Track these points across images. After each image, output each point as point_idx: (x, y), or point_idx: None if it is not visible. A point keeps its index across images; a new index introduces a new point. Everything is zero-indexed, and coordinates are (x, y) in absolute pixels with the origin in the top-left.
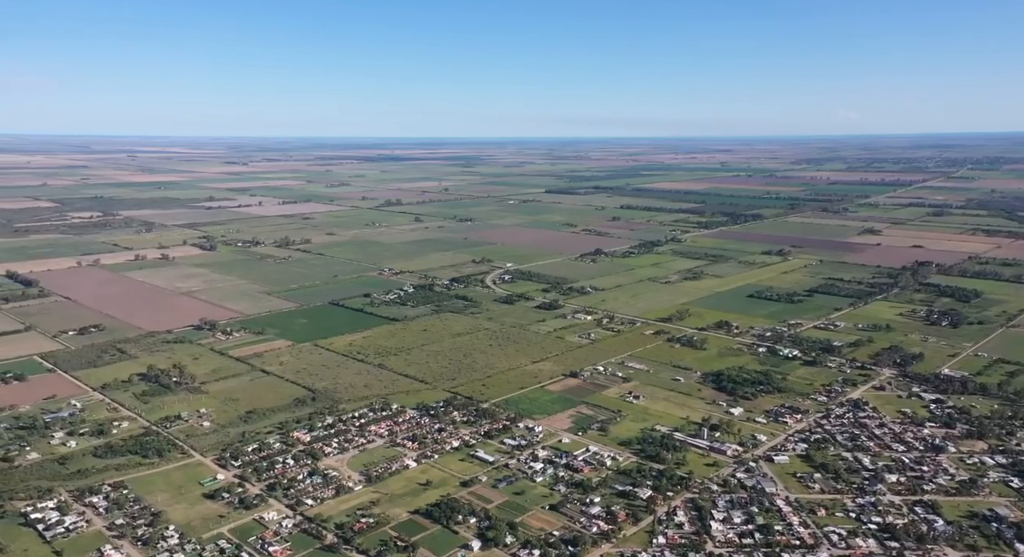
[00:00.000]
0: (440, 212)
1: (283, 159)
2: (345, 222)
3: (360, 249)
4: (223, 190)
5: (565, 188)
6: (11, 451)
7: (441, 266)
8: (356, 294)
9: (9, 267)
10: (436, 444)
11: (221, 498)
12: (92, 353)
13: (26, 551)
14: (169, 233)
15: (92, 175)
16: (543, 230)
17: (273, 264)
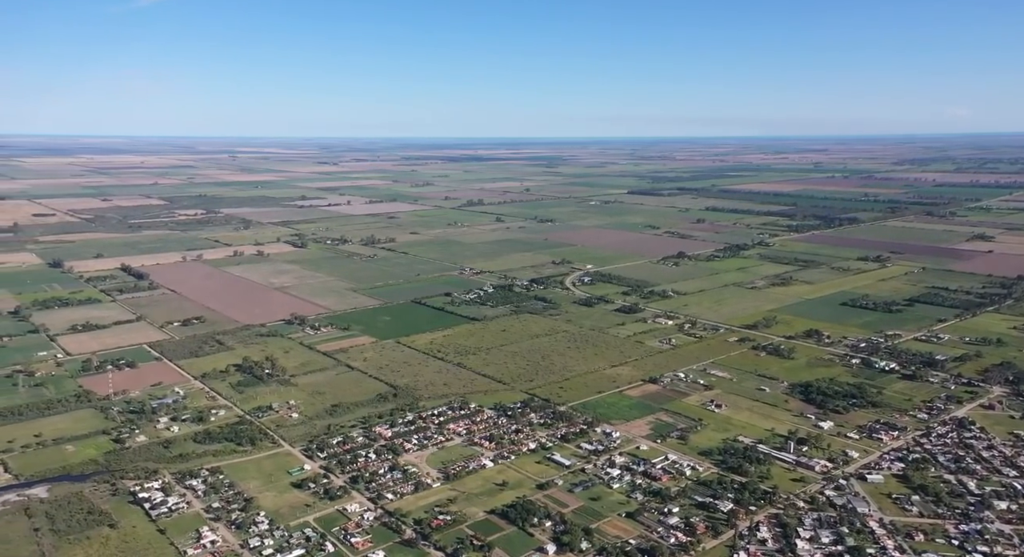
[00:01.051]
0: (521, 212)
1: (371, 159)
2: (428, 221)
3: (442, 248)
4: (314, 189)
5: (648, 189)
6: (123, 433)
7: (521, 267)
8: (437, 293)
9: (124, 261)
10: (513, 445)
11: (307, 488)
12: (194, 344)
13: (134, 527)
14: (264, 230)
15: (197, 174)
16: (624, 232)
17: (359, 262)
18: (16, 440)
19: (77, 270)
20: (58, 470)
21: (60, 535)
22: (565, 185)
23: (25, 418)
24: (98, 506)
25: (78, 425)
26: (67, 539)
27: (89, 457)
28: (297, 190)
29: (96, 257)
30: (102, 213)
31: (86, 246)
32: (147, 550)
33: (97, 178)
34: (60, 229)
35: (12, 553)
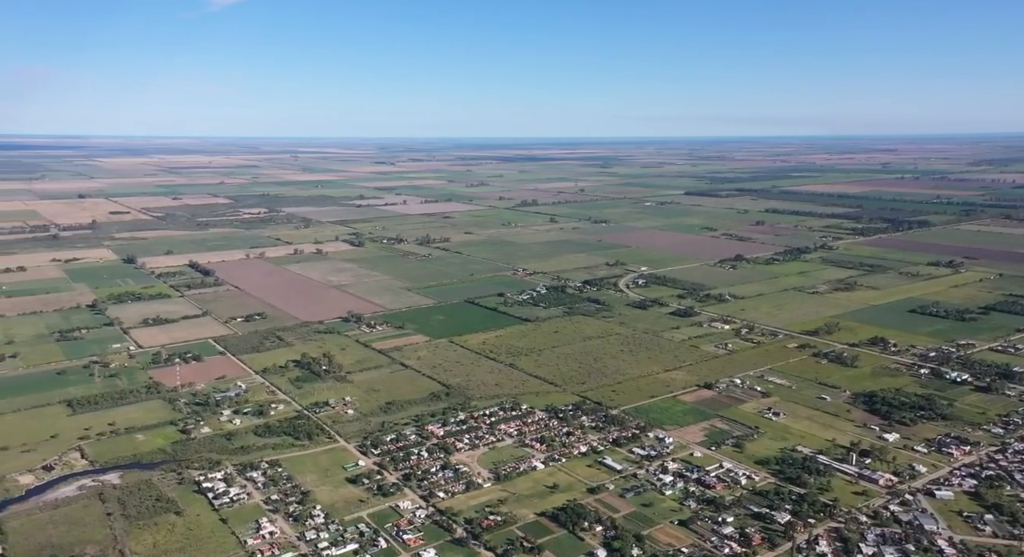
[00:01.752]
0: (575, 213)
1: (427, 159)
2: (482, 221)
3: (496, 248)
4: (372, 189)
5: (706, 190)
6: (189, 424)
7: (574, 268)
8: (491, 293)
9: (192, 258)
10: (564, 448)
11: (362, 483)
12: (255, 339)
13: (198, 515)
14: (323, 229)
15: (261, 174)
16: (680, 233)
17: (414, 261)
18: (92, 428)
19: (149, 266)
20: (129, 458)
21: (131, 520)
22: (620, 186)
23: (100, 407)
24: (165, 494)
25: (148, 415)
26: (137, 524)
27: (158, 446)
28: (355, 190)
29: (166, 254)
30: (172, 211)
31: (158, 243)
32: (210, 538)
33: (168, 177)
34: (134, 226)
35: (87, 536)
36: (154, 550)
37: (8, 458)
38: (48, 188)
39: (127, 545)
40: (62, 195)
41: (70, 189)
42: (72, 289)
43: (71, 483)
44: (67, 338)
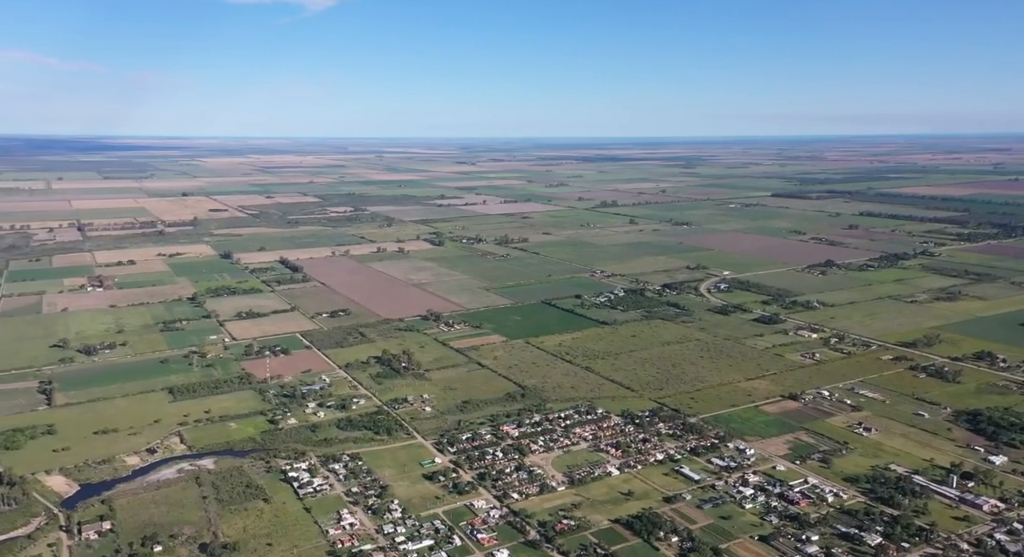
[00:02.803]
0: (656, 214)
1: (507, 159)
2: (561, 222)
3: (574, 249)
4: (453, 189)
5: (795, 191)
6: (277, 415)
7: (654, 271)
8: (568, 294)
9: (282, 254)
10: (640, 454)
11: (438, 480)
12: (339, 335)
13: (284, 503)
14: (405, 228)
15: (348, 173)
16: (766, 237)
17: (492, 261)
18: (190, 414)
19: (243, 262)
20: (223, 444)
21: (223, 504)
22: (703, 186)
23: (198, 395)
24: (255, 481)
25: (240, 405)
26: (229, 508)
27: (248, 435)
28: (437, 189)
29: (259, 250)
30: (266, 209)
31: (252, 239)
32: (295, 526)
33: (263, 176)
34: (231, 223)
35: (185, 516)
36: (244, 534)
37: (117, 440)
38: (155, 186)
39: (220, 528)
40: (168, 193)
41: (175, 187)
42: (175, 282)
43: (171, 466)
44: (170, 329)
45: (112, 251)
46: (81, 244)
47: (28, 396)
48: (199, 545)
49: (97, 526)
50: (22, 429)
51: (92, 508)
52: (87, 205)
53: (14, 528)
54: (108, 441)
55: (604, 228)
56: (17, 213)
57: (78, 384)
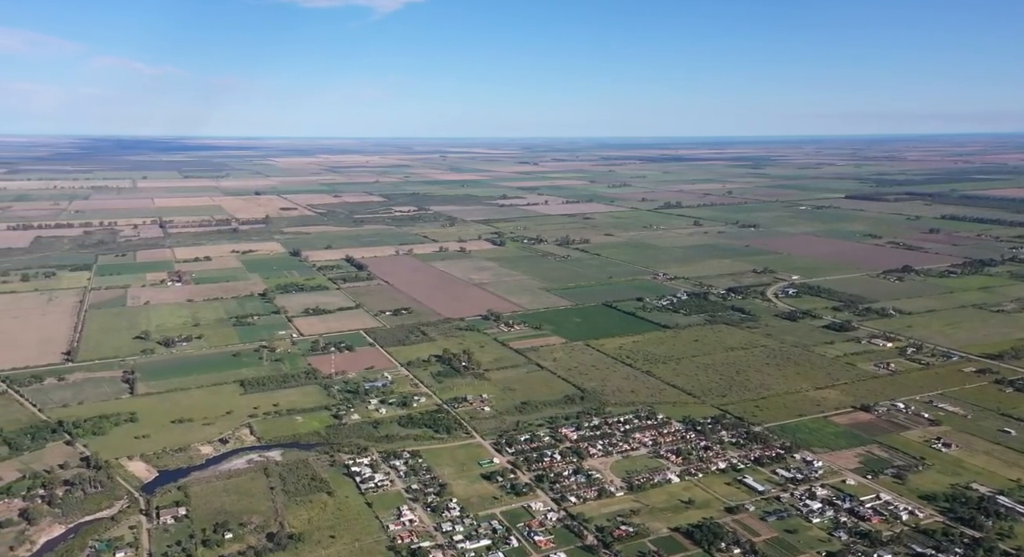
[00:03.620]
0: (721, 216)
1: (570, 159)
2: (623, 223)
3: (636, 251)
4: (514, 189)
5: (870, 193)
6: (340, 410)
7: (718, 274)
8: (629, 297)
9: (348, 252)
10: (701, 462)
11: (495, 481)
12: (401, 333)
13: (347, 497)
14: (467, 228)
15: (412, 173)
16: (839, 240)
17: (553, 262)
18: (260, 407)
19: (311, 259)
20: (289, 437)
21: (289, 496)
22: (772, 188)
23: (267, 389)
24: (319, 474)
25: (306, 399)
26: (295, 500)
27: (313, 429)
28: (499, 189)
29: (326, 248)
30: (333, 208)
31: (319, 238)
32: (356, 520)
33: (331, 176)
34: (300, 222)
35: (253, 506)
36: (308, 526)
37: (192, 429)
38: (231, 185)
39: (286, 518)
40: (242, 192)
41: (249, 186)
42: (247, 278)
43: (241, 456)
44: (242, 323)
45: (190, 247)
46: (162, 240)
47: (113, 385)
48: (266, 534)
49: (173, 511)
50: (108, 416)
51: (169, 494)
52: (168, 203)
53: (100, 509)
54: (184, 430)
55: (667, 230)
56: (106, 211)
57: (158, 374)
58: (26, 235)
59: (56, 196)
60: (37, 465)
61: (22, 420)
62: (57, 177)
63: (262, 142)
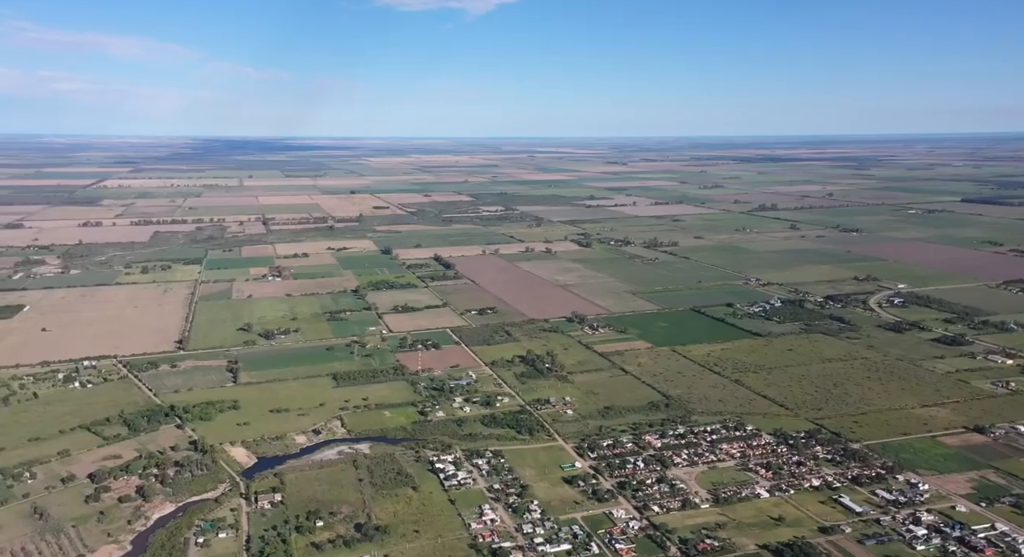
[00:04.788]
0: (820, 220)
1: (660, 159)
2: (714, 226)
3: (727, 255)
4: (602, 189)
5: (990, 196)
6: (426, 407)
7: (815, 281)
8: (719, 302)
9: (437, 251)
10: (793, 478)
11: (577, 485)
12: (486, 332)
13: (431, 493)
14: (553, 228)
15: (500, 173)
16: (952, 247)
17: (640, 264)
18: (350, 401)
19: (401, 257)
20: (377, 431)
21: (377, 488)
22: (878, 190)
23: (357, 383)
24: (405, 468)
25: (394, 394)
26: (382, 492)
27: (400, 424)
28: (586, 190)
29: (416, 247)
30: (423, 207)
31: (409, 236)
32: (439, 516)
33: (421, 175)
34: (391, 220)
35: (343, 496)
36: (394, 519)
37: (288, 419)
38: (328, 184)
39: (373, 510)
40: (338, 190)
41: (344, 185)
42: (341, 275)
43: (332, 448)
44: (335, 318)
45: (290, 244)
46: (265, 237)
47: (219, 373)
48: (355, 525)
49: (270, 497)
50: (213, 402)
51: (266, 480)
52: (271, 201)
53: (205, 490)
54: (281, 419)
55: (761, 233)
56: (216, 207)
57: (258, 365)
58: (146, 230)
59: (172, 194)
60: (152, 446)
61: (139, 403)
62: (174, 176)
63: (358, 142)
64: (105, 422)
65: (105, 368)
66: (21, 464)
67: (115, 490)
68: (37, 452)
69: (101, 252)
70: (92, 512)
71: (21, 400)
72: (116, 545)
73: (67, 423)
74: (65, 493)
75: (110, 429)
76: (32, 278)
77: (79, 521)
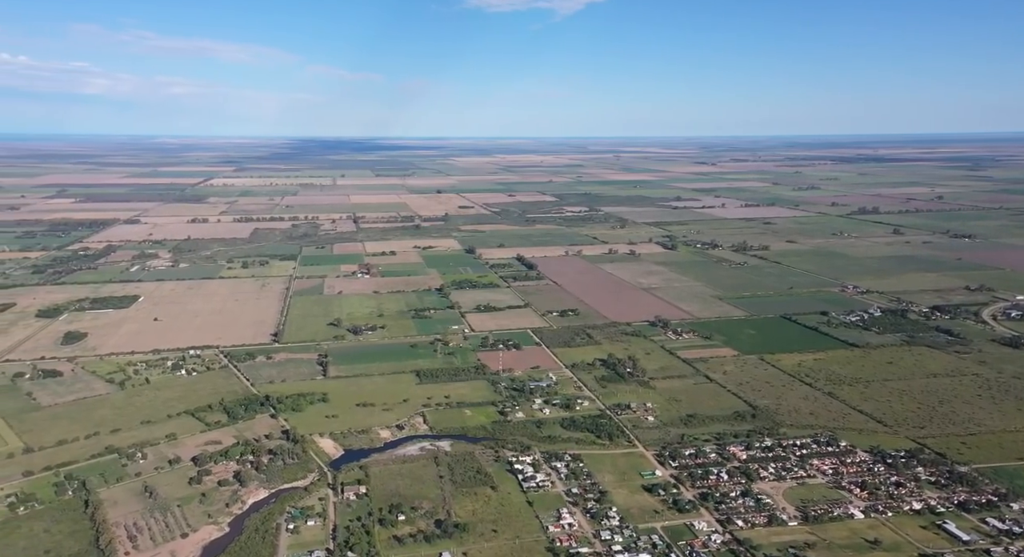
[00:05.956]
0: (927, 224)
1: (751, 159)
2: (809, 229)
3: (822, 260)
4: (689, 190)
5: None
6: (506, 407)
7: (920, 289)
8: (811, 310)
9: (519, 251)
10: (891, 499)
11: (657, 494)
12: (567, 334)
13: (509, 493)
14: (638, 230)
15: (585, 173)
16: None
17: (727, 268)
18: (432, 398)
19: (484, 257)
20: (458, 429)
21: (456, 486)
22: (994, 192)
23: (439, 380)
24: (484, 468)
25: (474, 393)
26: (461, 490)
27: (480, 423)
28: (672, 190)
29: (499, 246)
30: (507, 207)
31: (492, 236)
32: (517, 517)
33: (506, 175)
34: (476, 220)
35: (424, 492)
36: (473, 517)
37: (374, 413)
38: (415, 184)
39: (453, 507)
40: (425, 190)
41: (431, 185)
42: (426, 273)
43: (415, 443)
44: (419, 316)
45: (378, 242)
46: (355, 235)
47: (310, 366)
48: (435, 521)
49: (355, 489)
50: (304, 394)
51: (352, 472)
52: (361, 200)
53: (296, 479)
54: (366, 414)
55: (861, 238)
56: (311, 206)
57: (346, 360)
58: (247, 227)
59: (271, 192)
60: (248, 433)
61: (238, 392)
62: (273, 175)
63: (446, 142)
64: (207, 409)
65: (208, 357)
66: (134, 445)
67: (215, 474)
68: (148, 434)
69: (207, 247)
70: (195, 493)
71: (135, 385)
72: (215, 526)
73: (174, 408)
74: (171, 474)
75: (211, 416)
76: (146, 271)
77: (183, 501)
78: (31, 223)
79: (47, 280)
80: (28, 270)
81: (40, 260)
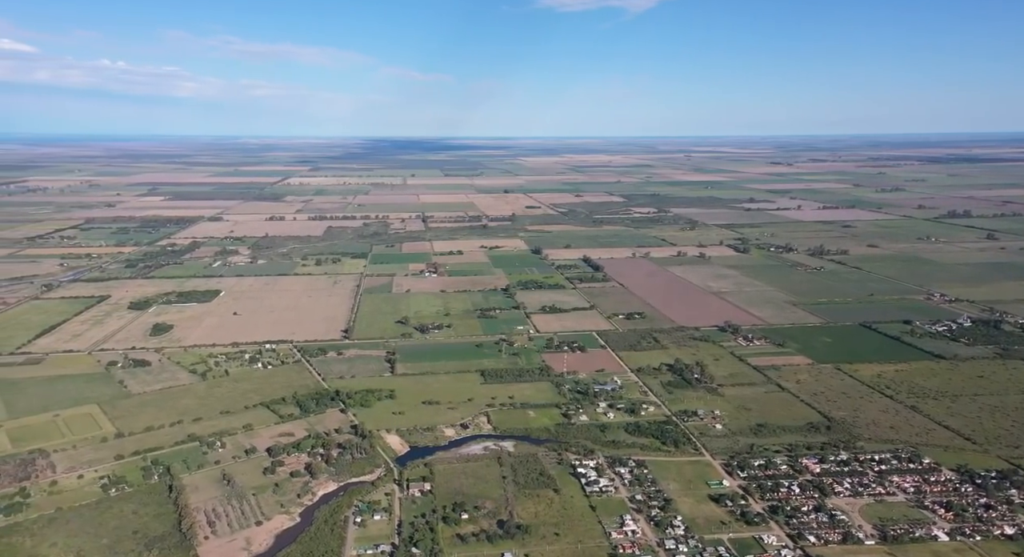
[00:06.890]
0: None
1: (830, 159)
2: (892, 233)
3: (906, 266)
4: (763, 191)
5: None
6: (570, 410)
7: (1016, 299)
8: (894, 319)
9: (585, 252)
10: (980, 522)
11: (724, 505)
12: (633, 337)
13: (572, 497)
14: (708, 232)
15: (654, 174)
16: None
17: (803, 273)
18: (496, 398)
19: (551, 257)
20: (521, 430)
21: (519, 487)
22: None
23: (504, 380)
24: (547, 470)
25: (538, 394)
26: (524, 492)
27: (543, 424)
28: (745, 191)
29: (565, 247)
30: (574, 207)
31: (559, 236)
32: (580, 521)
33: (574, 175)
34: (542, 220)
35: (486, 491)
36: (535, 519)
37: (439, 411)
38: (483, 184)
39: (515, 508)
40: (492, 190)
41: (498, 185)
42: (492, 273)
43: (479, 443)
44: (485, 316)
45: (446, 241)
46: (423, 234)
47: (378, 363)
48: (497, 521)
49: (420, 485)
50: (372, 390)
51: (417, 469)
52: (430, 199)
53: (363, 473)
54: (432, 411)
55: (950, 243)
56: (382, 205)
57: (413, 357)
58: (321, 225)
59: (344, 191)
60: (319, 427)
61: (310, 386)
62: (346, 174)
63: (514, 142)
64: (281, 402)
65: (283, 351)
66: (214, 434)
67: (288, 465)
68: (226, 424)
69: (283, 244)
70: (269, 483)
71: (216, 376)
72: (287, 516)
73: (251, 400)
74: (247, 463)
75: (285, 408)
76: (227, 266)
77: (258, 490)
78: (125, 220)
79: (138, 274)
80: (122, 264)
81: (132, 255)
